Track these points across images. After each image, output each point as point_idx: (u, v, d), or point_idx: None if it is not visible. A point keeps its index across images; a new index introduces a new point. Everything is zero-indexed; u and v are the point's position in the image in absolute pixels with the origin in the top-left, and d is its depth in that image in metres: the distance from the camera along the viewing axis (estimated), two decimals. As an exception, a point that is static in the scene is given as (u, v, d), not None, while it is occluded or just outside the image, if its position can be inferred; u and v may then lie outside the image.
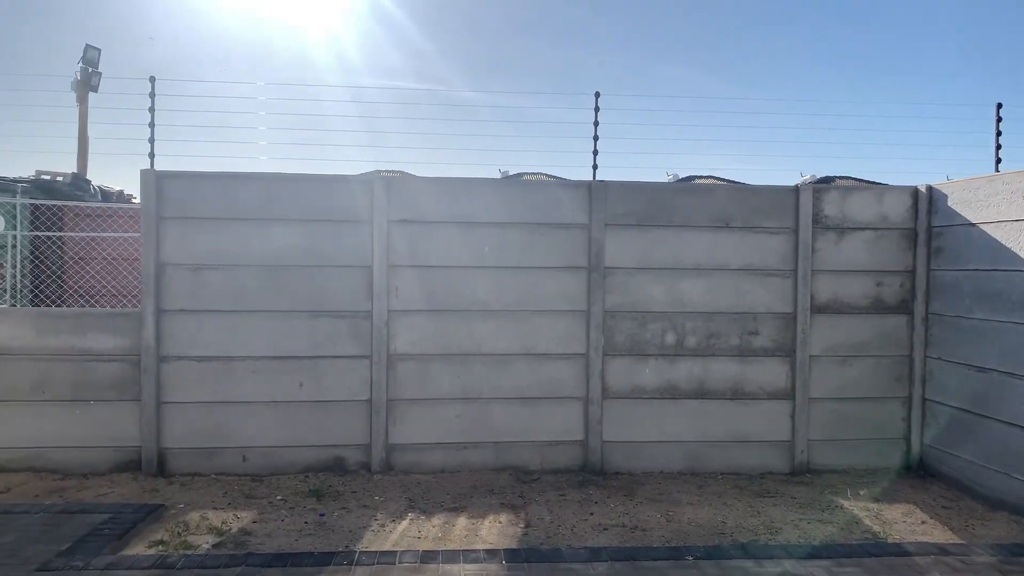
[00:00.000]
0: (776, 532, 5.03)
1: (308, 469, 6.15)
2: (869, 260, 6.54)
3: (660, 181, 6.53)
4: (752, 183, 6.49)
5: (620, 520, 5.23)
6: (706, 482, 6.19)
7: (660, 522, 5.21)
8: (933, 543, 4.76)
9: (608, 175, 6.53)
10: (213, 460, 6.10)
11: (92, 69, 16.33)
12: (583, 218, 6.33)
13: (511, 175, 10.14)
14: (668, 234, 6.38)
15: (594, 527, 5.09)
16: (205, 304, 6.07)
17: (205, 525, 5.01)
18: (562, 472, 6.30)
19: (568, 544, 4.74)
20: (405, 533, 4.94)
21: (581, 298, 6.34)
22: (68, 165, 16.16)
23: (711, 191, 6.40)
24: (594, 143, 7.44)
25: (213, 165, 9.37)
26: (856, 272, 6.54)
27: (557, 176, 8.79)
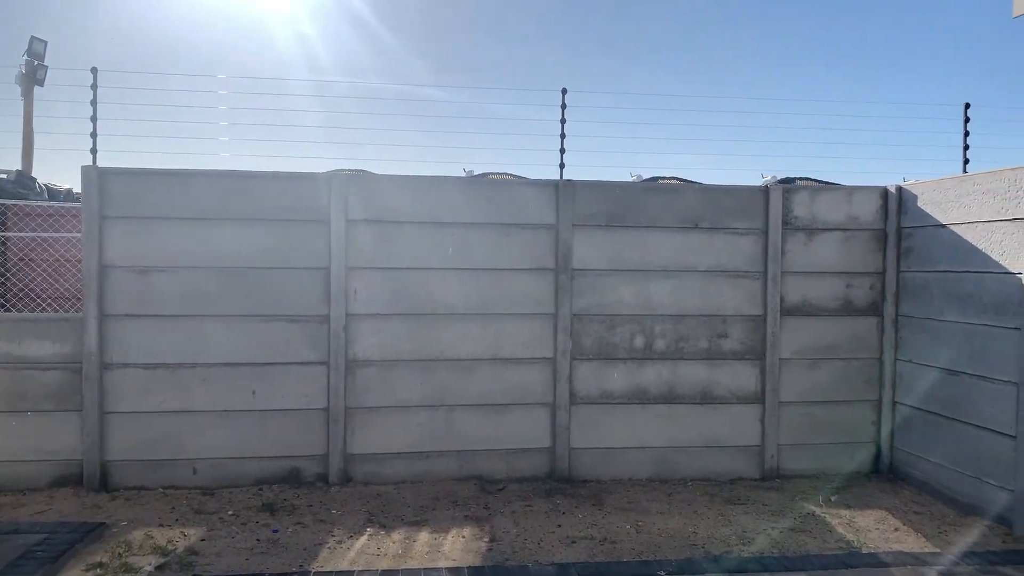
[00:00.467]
0: (749, 542, 4.88)
1: (262, 481, 5.86)
2: (839, 261, 6.45)
3: (628, 181, 6.35)
4: (713, 184, 6.34)
5: (589, 532, 5.04)
6: (676, 489, 6.04)
7: (630, 533, 5.03)
8: (908, 552, 4.65)
9: (574, 176, 6.34)
10: (161, 473, 5.78)
11: (38, 62, 15.64)
12: (550, 218, 6.13)
13: (476, 175, 9.92)
14: (637, 235, 6.21)
15: (562, 540, 4.89)
16: (152, 308, 5.75)
17: (149, 544, 4.70)
18: (528, 481, 6.09)
19: (535, 559, 4.54)
20: (364, 550, 4.69)
21: (548, 301, 6.14)
22: (12, 162, 15.50)
23: (680, 191, 6.26)
24: (561, 141, 7.26)
25: (173, 163, 9.01)
26: (826, 274, 6.44)
27: (523, 176, 8.59)
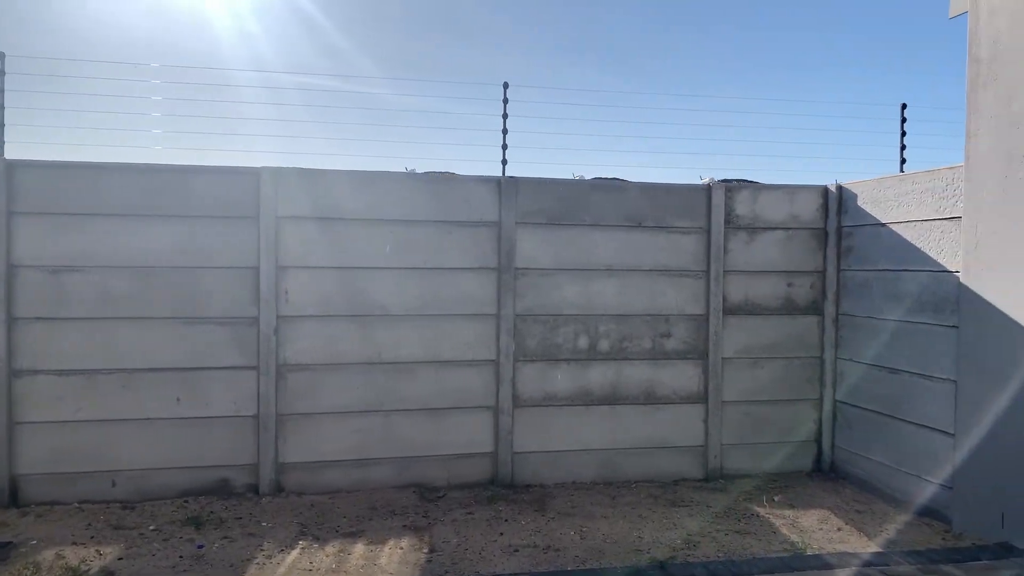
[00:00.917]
0: (694, 547, 4.80)
1: (187, 493, 5.54)
2: (780, 260, 6.44)
3: (572, 179, 6.21)
4: (657, 182, 6.26)
5: (532, 539, 4.88)
6: (620, 492, 5.93)
7: (574, 540, 4.89)
8: (853, 553, 4.62)
9: (517, 174, 6.18)
10: (77, 486, 5.40)
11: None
12: (493, 216, 5.96)
13: (418, 173, 9.66)
14: (581, 233, 6.08)
15: (504, 549, 4.72)
16: (67, 311, 5.36)
17: (60, 565, 4.36)
18: (470, 487, 5.91)
19: (476, 571, 4.35)
20: (295, 565, 4.43)
21: (491, 301, 5.96)
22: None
23: (624, 190, 6.15)
24: (503, 136, 7.08)
25: (100, 156, 8.50)
26: (768, 273, 6.43)
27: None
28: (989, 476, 4.83)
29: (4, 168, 5.29)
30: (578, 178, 6.25)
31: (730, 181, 6.37)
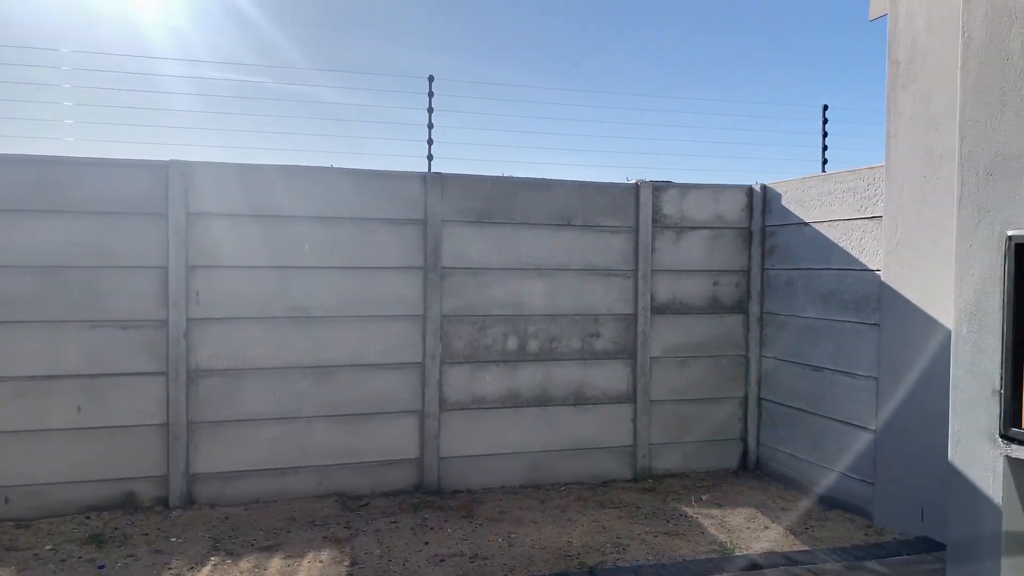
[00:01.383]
0: (624, 550, 4.73)
1: (90, 509, 5.17)
2: (707, 259, 6.46)
3: (500, 176, 6.08)
4: (586, 180, 6.19)
5: (458, 548, 4.72)
6: (549, 495, 5.83)
7: (502, 547, 4.76)
8: (780, 552, 4.62)
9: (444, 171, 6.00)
10: (-36, 505, 4.98)
11: None
12: (419, 213, 5.77)
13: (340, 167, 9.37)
14: (510, 232, 5.96)
15: (429, 559, 4.55)
16: (-49, 314, 4.94)
17: (-60, 593, 3.99)
18: (395, 494, 5.71)
19: (400, 583, 4.17)
20: (205, 584, 4.16)
21: (417, 301, 5.78)
22: None
23: (552, 187, 6.05)
24: (429, 131, 6.89)
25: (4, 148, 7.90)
26: (694, 272, 6.44)
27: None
28: (908, 471, 4.92)
29: None
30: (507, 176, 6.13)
31: (657, 181, 6.35)
